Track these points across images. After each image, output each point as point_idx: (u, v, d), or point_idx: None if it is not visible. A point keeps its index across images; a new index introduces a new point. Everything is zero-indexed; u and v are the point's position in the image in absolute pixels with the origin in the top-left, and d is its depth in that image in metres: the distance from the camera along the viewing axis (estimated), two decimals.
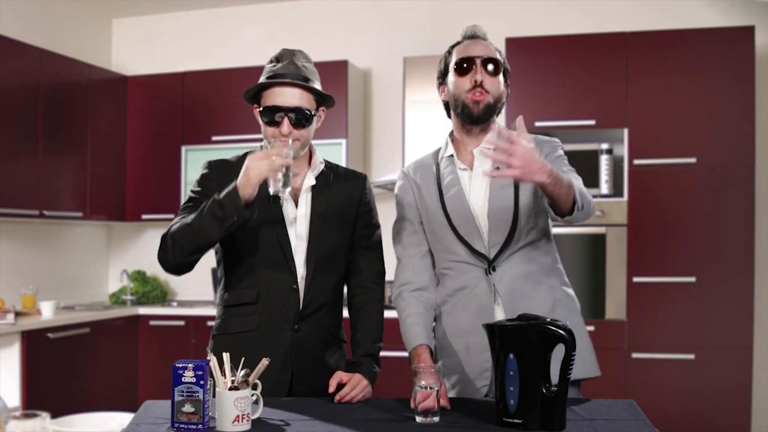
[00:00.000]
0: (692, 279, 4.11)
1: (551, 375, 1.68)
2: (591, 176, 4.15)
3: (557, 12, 4.78)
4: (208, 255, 2.11)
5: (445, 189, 2.12)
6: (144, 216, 5.18)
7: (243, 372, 1.75)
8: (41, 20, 4.95)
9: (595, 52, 4.29)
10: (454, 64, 2.11)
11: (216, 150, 4.92)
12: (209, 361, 1.72)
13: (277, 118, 2.04)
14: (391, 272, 2.21)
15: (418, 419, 1.76)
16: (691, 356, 4.10)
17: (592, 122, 4.27)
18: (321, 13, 5.22)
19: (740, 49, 4.11)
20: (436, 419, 1.76)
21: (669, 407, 4.06)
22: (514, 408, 1.68)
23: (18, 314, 4.16)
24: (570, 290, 2.16)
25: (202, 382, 1.69)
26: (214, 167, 2.15)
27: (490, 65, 2.08)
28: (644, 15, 4.61)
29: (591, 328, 2.74)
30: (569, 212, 1.90)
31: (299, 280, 2.09)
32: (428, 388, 1.76)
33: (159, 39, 5.54)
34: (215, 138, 4.99)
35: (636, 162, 4.20)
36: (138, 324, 4.89)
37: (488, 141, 2.08)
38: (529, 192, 2.07)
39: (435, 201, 2.12)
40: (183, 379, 1.69)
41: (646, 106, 4.21)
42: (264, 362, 1.77)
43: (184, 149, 5.08)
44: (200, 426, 1.68)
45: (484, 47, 2.11)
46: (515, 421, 1.68)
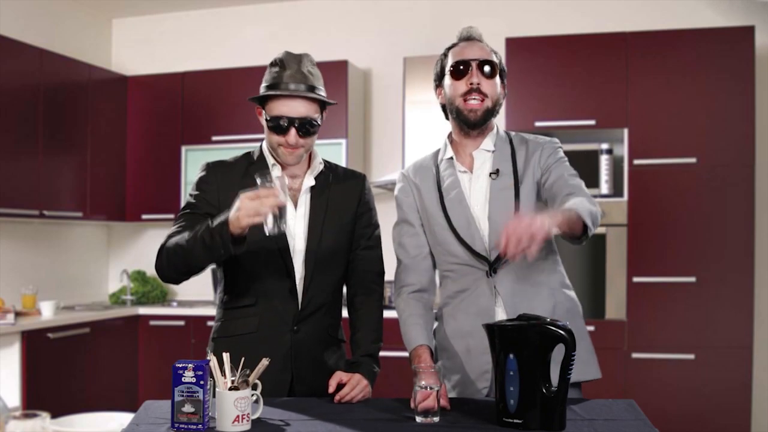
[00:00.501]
0: (692, 279, 4.11)
1: (551, 375, 1.68)
2: (591, 176, 4.15)
3: (557, 12, 4.78)
4: None
5: (446, 191, 2.11)
6: (144, 216, 5.18)
7: (243, 372, 1.75)
8: (41, 20, 4.95)
9: (595, 52, 4.29)
10: (450, 67, 2.09)
11: (216, 150, 4.92)
12: (209, 361, 1.72)
13: (284, 126, 2.02)
14: (391, 272, 2.20)
15: (418, 419, 1.76)
16: (691, 356, 4.10)
17: (592, 122, 4.27)
18: (321, 13, 5.22)
19: (740, 49, 4.11)
20: (436, 419, 1.76)
21: (669, 407, 4.06)
22: (514, 408, 1.68)
23: (18, 314, 4.16)
24: (571, 293, 2.16)
25: (202, 382, 1.69)
26: (212, 169, 2.14)
27: (486, 67, 2.07)
28: (644, 15, 4.61)
29: (591, 328, 2.74)
30: (580, 236, 1.87)
31: (298, 281, 2.09)
32: (428, 388, 1.76)
33: (159, 39, 5.54)
34: (215, 138, 5.00)
35: (636, 162, 4.19)
36: (138, 324, 4.89)
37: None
38: (530, 194, 2.07)
39: (435, 204, 2.12)
40: (183, 379, 1.69)
41: (646, 106, 4.21)
42: (264, 362, 1.77)
43: (184, 149, 5.08)
44: (200, 426, 1.68)
45: (480, 49, 2.10)
46: (515, 421, 1.68)
